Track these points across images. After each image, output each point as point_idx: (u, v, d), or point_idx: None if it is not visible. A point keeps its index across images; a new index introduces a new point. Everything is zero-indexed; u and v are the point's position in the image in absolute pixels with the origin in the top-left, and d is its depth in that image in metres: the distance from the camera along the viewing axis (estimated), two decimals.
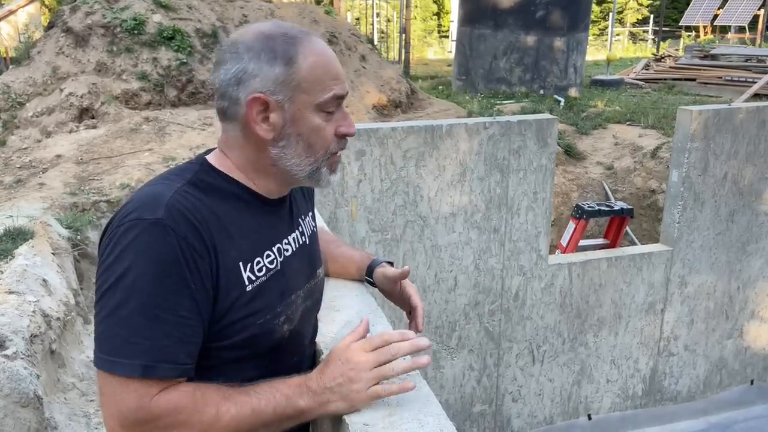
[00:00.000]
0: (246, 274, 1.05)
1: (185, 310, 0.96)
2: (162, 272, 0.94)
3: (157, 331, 0.94)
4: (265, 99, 1.04)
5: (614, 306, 4.28)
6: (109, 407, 0.95)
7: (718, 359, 4.78)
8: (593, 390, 4.47)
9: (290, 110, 1.05)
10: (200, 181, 1.05)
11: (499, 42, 10.09)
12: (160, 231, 0.94)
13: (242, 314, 1.04)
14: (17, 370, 2.37)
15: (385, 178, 3.51)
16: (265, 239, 1.11)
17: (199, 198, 1.02)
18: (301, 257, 1.19)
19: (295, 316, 1.15)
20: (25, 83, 6.57)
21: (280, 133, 1.07)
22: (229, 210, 1.06)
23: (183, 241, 0.95)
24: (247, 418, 0.98)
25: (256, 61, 1.03)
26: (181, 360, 0.96)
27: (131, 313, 0.93)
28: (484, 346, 4.05)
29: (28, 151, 5.93)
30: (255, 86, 1.04)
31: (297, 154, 1.08)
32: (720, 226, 4.41)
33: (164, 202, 0.97)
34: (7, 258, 3.13)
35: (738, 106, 4.35)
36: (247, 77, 1.04)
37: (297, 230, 1.21)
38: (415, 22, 23.49)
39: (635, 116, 8.26)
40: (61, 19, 7.13)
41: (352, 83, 8.06)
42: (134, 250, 0.94)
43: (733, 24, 20.98)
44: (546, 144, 3.78)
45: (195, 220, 0.98)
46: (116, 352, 0.93)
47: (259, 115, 1.05)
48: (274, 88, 1.04)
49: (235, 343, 1.04)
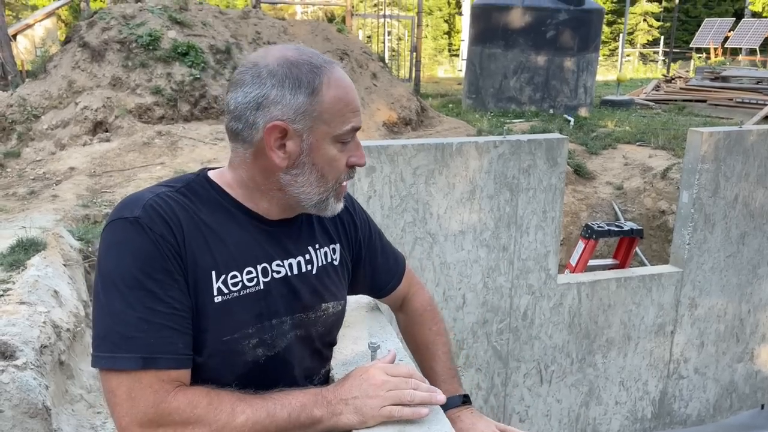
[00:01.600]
0: (216, 285, 1.03)
1: (177, 302, 0.98)
2: (147, 266, 0.96)
3: (152, 324, 0.95)
4: (285, 127, 1.04)
5: (623, 327, 4.25)
6: (124, 407, 0.95)
7: (729, 383, 4.72)
8: (602, 412, 4.42)
9: (308, 140, 1.06)
10: (190, 190, 1.08)
11: (509, 61, 10.16)
12: (138, 228, 0.98)
13: (206, 326, 1.02)
14: (27, 381, 2.38)
15: (395, 194, 3.52)
16: (250, 255, 1.08)
17: (181, 203, 1.04)
18: (299, 285, 1.15)
19: (278, 343, 1.12)
20: (41, 96, 6.67)
21: (295, 161, 1.07)
22: (213, 220, 1.06)
23: (160, 237, 0.98)
24: (262, 420, 0.98)
25: (279, 88, 1.03)
26: (180, 350, 0.98)
27: (124, 309, 0.95)
28: (491, 365, 4.02)
29: (42, 163, 6.00)
30: (275, 113, 1.03)
31: (308, 183, 1.08)
32: (731, 248, 4.38)
33: (142, 203, 1.00)
34: (20, 269, 3.16)
35: (749, 128, 4.34)
36: (268, 103, 1.03)
37: (301, 257, 1.17)
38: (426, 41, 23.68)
39: (645, 137, 8.26)
40: (77, 34, 7.25)
41: (363, 100, 8.12)
42: (116, 247, 0.98)
43: (744, 46, 20.99)
44: (556, 163, 3.78)
45: (170, 219, 1.00)
46: (114, 348, 0.94)
47: (276, 142, 1.05)
48: (295, 117, 1.04)
49: (205, 359, 1.03)
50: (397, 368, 1.08)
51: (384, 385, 1.03)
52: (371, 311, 1.53)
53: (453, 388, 1.36)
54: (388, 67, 11.08)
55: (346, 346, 1.35)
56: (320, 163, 1.07)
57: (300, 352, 1.18)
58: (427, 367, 1.42)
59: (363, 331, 1.42)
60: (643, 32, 32.02)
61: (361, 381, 1.04)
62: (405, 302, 1.47)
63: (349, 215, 1.32)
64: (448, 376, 1.39)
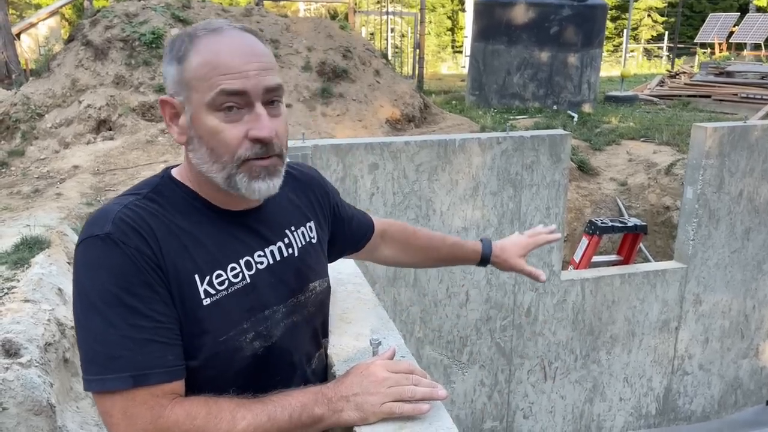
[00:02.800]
0: (203, 288, 1.01)
1: (160, 314, 0.95)
2: (125, 282, 0.93)
3: (137, 340, 0.92)
4: (170, 101, 1.03)
5: (627, 323, 4.24)
6: (121, 427, 0.93)
7: (733, 379, 4.71)
8: (606, 408, 4.41)
9: (189, 111, 1.01)
10: (158, 194, 1.04)
11: (512, 57, 10.13)
12: (111, 244, 0.94)
13: (200, 330, 1.00)
14: (31, 378, 2.39)
15: (398, 191, 3.52)
16: (231, 252, 1.06)
17: (150, 210, 1.00)
18: (284, 271, 1.13)
19: (273, 333, 1.10)
20: (44, 95, 6.68)
21: (188, 136, 1.03)
22: (187, 223, 1.03)
23: (135, 251, 0.94)
24: (263, 424, 0.97)
25: (165, 63, 1.04)
26: (170, 363, 0.95)
27: (106, 328, 0.92)
28: (495, 361, 4.02)
29: (46, 162, 6.01)
30: (168, 88, 1.04)
31: (204, 159, 1.02)
32: (735, 244, 4.36)
33: (111, 217, 0.96)
34: (24, 267, 3.17)
35: (754, 123, 4.32)
36: (164, 80, 1.05)
37: (280, 242, 1.15)
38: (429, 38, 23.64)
39: (649, 132, 8.23)
40: (81, 33, 7.26)
41: (366, 97, 8.11)
42: (91, 266, 0.94)
43: (748, 41, 20.88)
44: (559, 159, 3.77)
45: (142, 230, 0.97)
46: (102, 369, 0.92)
47: (173, 119, 1.04)
48: (175, 89, 1.02)
49: (202, 363, 1.01)
50: (397, 364, 1.07)
51: (384, 381, 1.03)
52: (373, 307, 1.53)
53: (475, 242, 1.68)
54: (391, 64, 11.06)
55: (348, 343, 1.35)
56: (204, 136, 1.00)
57: (296, 337, 1.16)
58: (444, 247, 1.64)
59: (365, 327, 1.42)
60: (647, 27, 31.88)
61: (361, 378, 1.04)
62: (384, 234, 1.55)
63: (320, 185, 1.32)
64: (464, 240, 1.69)
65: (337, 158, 3.34)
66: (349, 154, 3.36)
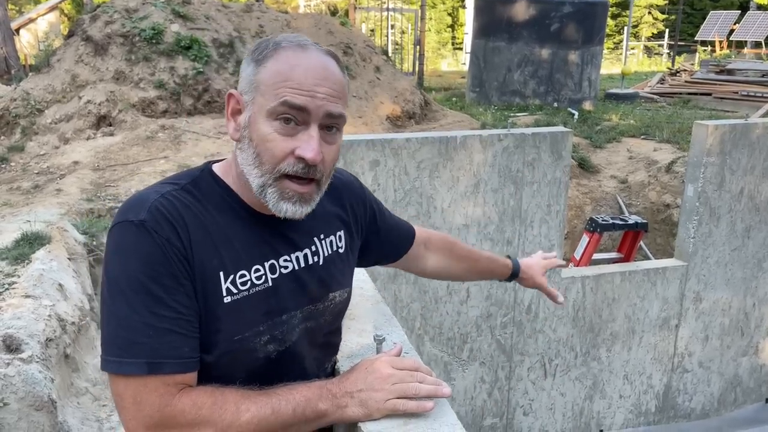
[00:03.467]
0: (225, 285, 1.02)
1: (182, 306, 0.98)
2: (153, 271, 0.96)
3: (157, 329, 0.95)
4: (236, 96, 1.06)
5: (627, 320, 4.24)
6: (131, 412, 0.95)
7: (733, 377, 4.71)
8: (605, 405, 4.42)
9: (250, 112, 1.03)
10: (195, 187, 1.06)
11: (513, 55, 10.11)
12: (144, 232, 0.96)
13: (217, 327, 1.02)
14: (32, 374, 2.39)
15: (399, 188, 3.52)
16: (257, 254, 1.07)
17: (185, 202, 1.02)
18: (306, 278, 1.14)
19: (288, 337, 1.11)
20: (44, 90, 6.67)
21: (241, 134, 1.05)
22: (219, 219, 1.05)
23: (166, 242, 0.97)
24: (267, 417, 0.98)
25: (245, 61, 1.07)
26: (185, 354, 0.98)
27: (130, 314, 0.95)
28: (495, 358, 4.02)
29: (46, 157, 6.00)
30: (239, 85, 1.07)
31: (248, 161, 1.03)
32: (736, 242, 4.36)
33: (147, 205, 0.99)
34: (25, 262, 3.17)
35: (755, 121, 4.32)
36: (241, 76, 1.08)
37: (308, 249, 1.16)
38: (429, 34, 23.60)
39: (650, 130, 8.22)
40: (81, 28, 7.25)
41: (366, 93, 8.10)
42: (122, 251, 0.97)
43: (749, 39, 20.87)
44: (560, 157, 3.77)
45: (175, 222, 0.99)
46: (121, 352, 0.95)
47: (234, 115, 1.07)
48: (246, 87, 1.04)
49: (215, 359, 1.03)
50: (402, 361, 1.08)
51: (389, 378, 1.03)
52: (376, 304, 1.53)
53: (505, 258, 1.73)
54: (392, 60, 11.05)
55: (351, 339, 1.35)
56: (256, 139, 1.02)
57: (309, 343, 1.17)
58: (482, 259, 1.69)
59: (368, 323, 1.42)
60: (648, 25, 31.85)
61: (366, 374, 1.04)
62: (428, 243, 1.58)
63: (357, 194, 1.32)
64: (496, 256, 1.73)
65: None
66: (350, 151, 3.35)
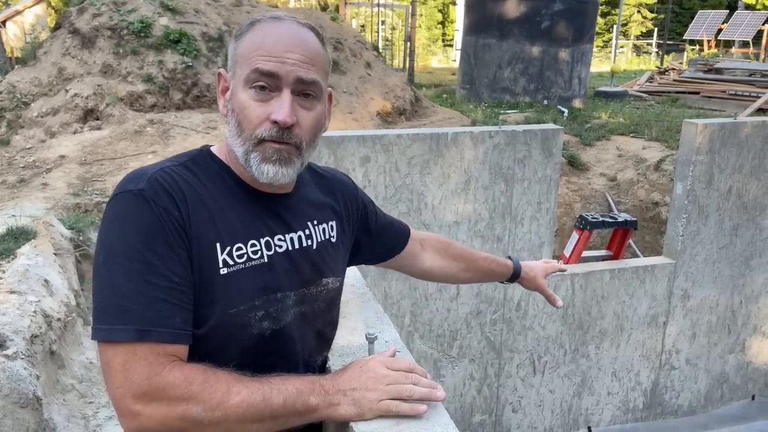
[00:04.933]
0: (222, 257, 1.03)
1: (176, 276, 0.98)
2: (149, 239, 0.96)
3: (149, 297, 0.95)
4: (224, 75, 1.11)
5: (616, 318, 4.26)
6: (119, 379, 0.94)
7: (720, 374, 4.75)
8: (594, 402, 4.44)
9: (233, 84, 1.08)
10: (194, 164, 1.09)
11: (504, 52, 10.12)
12: (142, 201, 0.98)
13: (212, 298, 1.02)
14: (17, 371, 2.36)
15: (390, 184, 3.50)
16: (253, 229, 1.09)
17: (184, 177, 1.05)
18: (300, 260, 1.15)
19: (282, 317, 1.11)
20: (30, 83, 6.58)
21: (227, 108, 1.10)
22: (217, 193, 1.07)
23: (163, 211, 0.98)
24: (257, 403, 0.97)
25: (231, 41, 1.12)
26: (177, 325, 0.97)
27: (123, 281, 0.95)
28: (485, 355, 4.03)
29: (32, 151, 5.93)
30: (228, 64, 1.12)
31: (232, 133, 1.08)
32: (724, 240, 4.39)
33: (147, 177, 1.01)
34: (10, 258, 3.12)
35: (743, 120, 4.34)
36: (228, 56, 1.13)
37: (302, 231, 1.17)
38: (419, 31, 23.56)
39: (639, 128, 8.26)
40: (68, 20, 7.15)
41: (357, 89, 8.07)
42: (120, 219, 0.98)
43: (737, 38, 21.04)
44: (551, 154, 3.77)
45: (174, 193, 1.01)
46: (112, 319, 0.94)
47: (224, 92, 1.11)
48: (230, 63, 1.10)
49: (209, 331, 1.02)
50: (397, 362, 1.07)
51: (384, 378, 1.03)
52: (367, 302, 1.52)
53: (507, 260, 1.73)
54: (382, 56, 11.02)
55: (343, 337, 1.34)
56: (236, 108, 1.06)
57: (303, 329, 1.17)
58: (480, 258, 1.68)
59: (359, 321, 1.41)
60: (637, 24, 32.02)
61: (360, 373, 1.03)
62: (423, 242, 1.58)
63: (350, 192, 1.35)
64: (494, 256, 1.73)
65: (329, 150, 3.31)
66: (340, 147, 3.33)
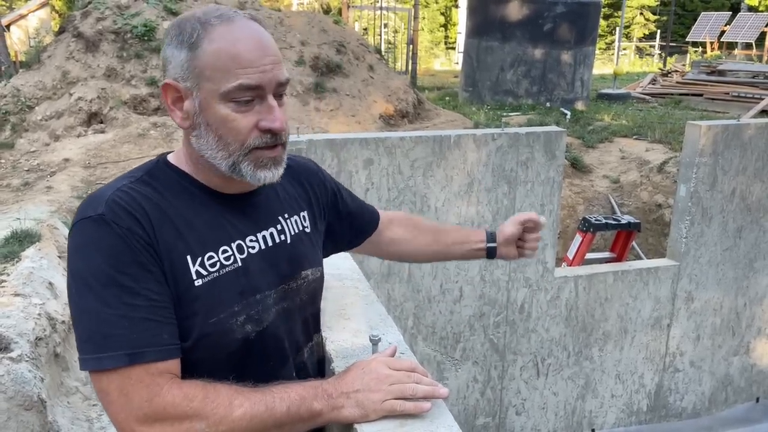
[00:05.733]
0: (194, 268, 1.02)
1: (154, 293, 0.96)
2: (117, 262, 0.94)
3: (132, 319, 0.93)
4: (175, 86, 1.03)
5: (620, 320, 4.25)
6: (120, 406, 0.93)
7: (724, 376, 4.74)
8: (597, 405, 4.43)
9: (198, 98, 1.02)
10: (150, 177, 1.06)
11: (506, 54, 10.12)
12: (103, 225, 0.95)
13: (191, 310, 1.01)
14: (21, 373, 2.36)
15: (393, 187, 3.51)
16: (223, 235, 1.07)
17: (143, 193, 1.02)
18: (275, 257, 1.14)
19: (265, 317, 1.10)
20: (34, 87, 6.61)
21: (193, 121, 1.04)
22: (179, 204, 1.05)
23: (127, 231, 0.96)
24: (261, 414, 0.96)
25: (170, 46, 1.03)
26: (165, 341, 0.96)
27: (102, 308, 0.93)
28: (488, 358, 4.02)
29: (37, 155, 5.95)
30: (170, 72, 1.03)
31: (210, 146, 1.03)
32: (728, 242, 4.38)
33: (104, 200, 0.98)
34: (14, 260, 3.13)
35: (747, 121, 4.34)
36: (166, 63, 1.04)
37: (273, 228, 1.16)
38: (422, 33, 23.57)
39: (642, 130, 8.25)
40: (72, 24, 7.18)
41: (360, 92, 8.08)
42: (84, 247, 0.96)
43: (740, 40, 21.00)
44: (554, 156, 3.77)
45: (135, 211, 0.98)
46: (98, 348, 0.92)
47: (176, 103, 1.04)
48: (183, 74, 1.02)
49: (193, 344, 1.01)
50: (399, 362, 1.07)
51: (386, 378, 1.02)
52: (371, 303, 1.52)
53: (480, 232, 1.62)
54: (385, 59, 11.03)
55: (346, 339, 1.34)
56: (214, 123, 1.02)
57: (287, 324, 1.17)
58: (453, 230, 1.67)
59: (363, 323, 1.41)
60: (640, 26, 31.98)
61: (362, 374, 1.03)
62: (391, 221, 1.57)
63: (317, 176, 1.34)
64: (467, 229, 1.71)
65: (332, 153, 3.32)
66: (344, 150, 3.34)
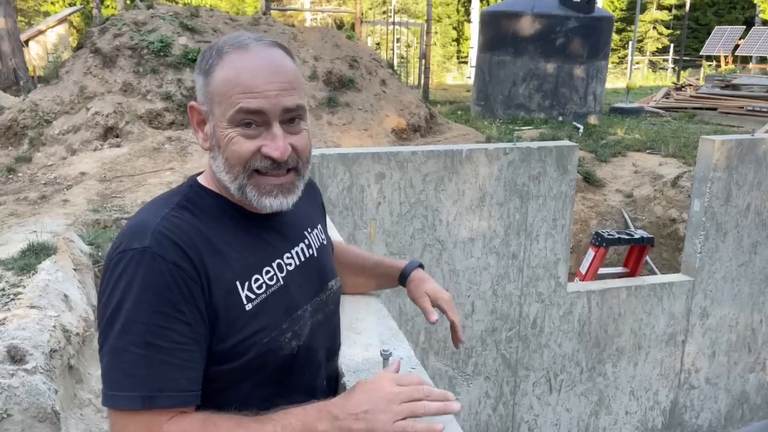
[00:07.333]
0: (244, 293, 1.03)
1: (180, 335, 0.95)
2: (153, 300, 0.93)
3: (153, 360, 0.92)
4: (198, 108, 1.08)
5: (634, 336, 4.21)
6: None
7: (740, 393, 4.67)
8: (611, 421, 4.38)
9: (213, 122, 1.05)
10: (189, 203, 1.06)
11: (518, 68, 10.15)
12: (149, 259, 0.94)
13: (245, 334, 1.01)
14: (36, 385, 2.38)
15: (404, 201, 3.52)
16: (264, 256, 1.08)
17: (187, 221, 1.01)
18: (308, 271, 1.16)
19: (304, 332, 1.12)
20: (52, 101, 6.72)
21: (211, 144, 1.07)
22: (221, 230, 1.05)
23: (173, 266, 0.95)
24: None
25: (196, 71, 1.09)
26: (182, 387, 0.95)
27: (127, 345, 0.92)
28: (500, 373, 4.00)
29: (53, 168, 6.03)
30: (197, 96, 1.09)
31: (220, 168, 1.05)
32: (743, 257, 4.34)
33: (150, 230, 0.97)
34: (30, 273, 3.17)
35: (761, 136, 4.31)
36: (196, 88, 1.10)
37: (302, 243, 1.18)
38: (434, 48, 23.70)
39: (655, 144, 8.22)
40: (89, 41, 7.31)
41: (372, 106, 8.13)
42: (125, 281, 0.94)
43: (754, 54, 20.89)
44: (566, 171, 3.77)
45: (183, 244, 0.97)
46: (116, 386, 0.92)
47: (200, 125, 1.09)
48: (202, 98, 1.07)
49: (243, 364, 1.02)
50: (407, 377, 1.05)
51: (396, 397, 0.99)
52: (382, 318, 1.52)
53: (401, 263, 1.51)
54: (397, 73, 11.09)
55: (357, 354, 1.34)
56: (222, 146, 1.04)
57: (321, 335, 1.19)
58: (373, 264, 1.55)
59: (374, 338, 1.41)
60: (653, 40, 31.93)
61: (371, 393, 1.00)
62: None
63: (319, 194, 1.40)
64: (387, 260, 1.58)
65: (344, 167, 3.34)
66: (356, 164, 3.36)
